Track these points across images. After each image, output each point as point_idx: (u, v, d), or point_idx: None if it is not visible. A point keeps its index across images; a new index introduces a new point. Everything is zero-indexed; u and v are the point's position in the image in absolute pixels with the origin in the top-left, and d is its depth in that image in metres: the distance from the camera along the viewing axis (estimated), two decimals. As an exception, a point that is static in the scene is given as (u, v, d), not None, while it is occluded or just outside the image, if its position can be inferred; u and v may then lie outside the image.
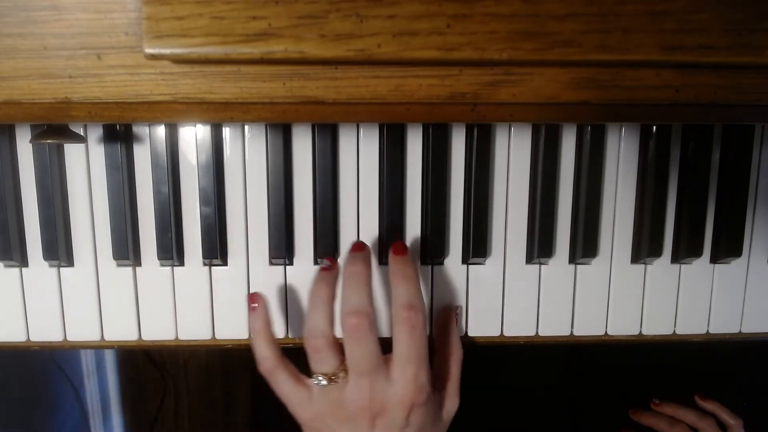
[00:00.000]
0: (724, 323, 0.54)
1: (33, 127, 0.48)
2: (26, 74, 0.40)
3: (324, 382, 0.43)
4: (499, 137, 0.51)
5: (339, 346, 0.43)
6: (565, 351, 1.01)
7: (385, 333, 0.48)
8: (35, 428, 0.98)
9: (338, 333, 0.44)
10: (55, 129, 0.44)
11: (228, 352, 0.52)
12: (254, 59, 0.37)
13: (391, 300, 0.44)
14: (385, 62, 0.39)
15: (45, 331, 0.51)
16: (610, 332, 0.53)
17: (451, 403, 0.47)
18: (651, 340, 0.54)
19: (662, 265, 0.53)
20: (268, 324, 0.46)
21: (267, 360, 0.44)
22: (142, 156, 0.49)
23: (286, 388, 0.44)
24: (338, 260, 0.51)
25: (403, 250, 0.46)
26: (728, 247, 0.52)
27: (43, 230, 0.49)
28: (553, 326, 0.53)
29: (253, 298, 0.46)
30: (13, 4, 0.39)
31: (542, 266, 0.52)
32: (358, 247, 0.46)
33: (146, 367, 1.17)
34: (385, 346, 0.44)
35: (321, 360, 0.43)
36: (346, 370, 0.43)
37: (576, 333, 0.53)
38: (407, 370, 0.42)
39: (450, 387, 0.47)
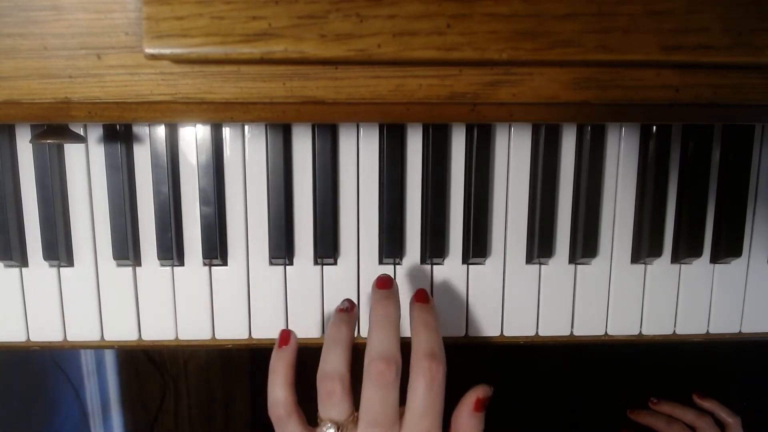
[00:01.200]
0: (724, 323, 0.54)
1: (33, 127, 0.48)
2: (26, 74, 0.40)
3: (332, 431, 0.39)
4: (499, 137, 0.51)
5: (352, 393, 0.40)
6: (565, 351, 1.01)
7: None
8: (35, 428, 0.98)
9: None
10: (55, 129, 0.44)
11: (228, 352, 0.52)
12: (254, 59, 0.37)
13: (412, 348, 0.40)
14: (385, 62, 0.39)
15: (45, 331, 0.51)
16: (610, 332, 0.53)
17: None
18: (651, 340, 0.54)
19: (662, 265, 0.53)
20: (291, 366, 0.42)
21: (281, 405, 0.40)
22: (142, 156, 0.49)
23: None
24: (340, 262, 0.51)
25: (426, 298, 0.43)
26: (728, 247, 0.52)
27: (43, 230, 0.49)
28: (553, 326, 0.53)
29: (284, 335, 0.43)
30: (13, 4, 0.39)
31: (542, 266, 0.52)
32: (385, 283, 0.43)
33: (146, 367, 1.17)
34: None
35: (333, 406, 0.39)
36: (355, 421, 0.39)
37: (576, 333, 0.53)
38: (421, 424, 0.38)
39: None
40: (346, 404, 0.39)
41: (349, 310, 0.43)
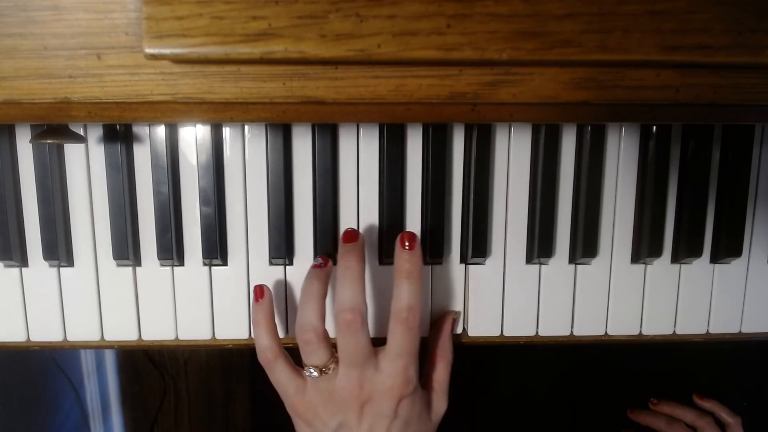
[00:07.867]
0: (724, 323, 0.54)
1: (33, 127, 0.48)
2: (26, 74, 0.40)
3: (315, 374, 0.44)
4: (499, 137, 0.51)
5: (329, 339, 0.45)
6: (565, 351, 1.01)
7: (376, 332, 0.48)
8: (35, 428, 0.98)
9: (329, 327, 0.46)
10: (55, 129, 0.44)
11: (228, 352, 0.53)
12: (254, 59, 0.37)
13: (393, 296, 0.44)
14: (385, 62, 0.39)
15: (45, 331, 0.51)
16: (610, 332, 0.53)
17: (440, 404, 0.48)
18: (651, 340, 0.54)
19: (662, 265, 0.53)
20: (270, 316, 0.47)
21: (267, 350, 0.46)
22: (142, 156, 0.49)
23: (284, 378, 0.46)
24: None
25: (412, 243, 0.45)
26: (728, 247, 0.52)
27: (43, 230, 0.49)
28: (553, 326, 0.53)
29: (258, 290, 0.48)
30: (13, 4, 0.39)
31: (542, 266, 0.52)
32: (350, 237, 0.46)
33: (146, 367, 1.17)
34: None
35: (312, 353, 0.44)
36: (336, 362, 0.44)
37: (576, 333, 0.53)
38: (397, 362, 0.44)
39: (438, 387, 0.49)
40: (323, 351, 0.44)
41: (322, 265, 0.47)
